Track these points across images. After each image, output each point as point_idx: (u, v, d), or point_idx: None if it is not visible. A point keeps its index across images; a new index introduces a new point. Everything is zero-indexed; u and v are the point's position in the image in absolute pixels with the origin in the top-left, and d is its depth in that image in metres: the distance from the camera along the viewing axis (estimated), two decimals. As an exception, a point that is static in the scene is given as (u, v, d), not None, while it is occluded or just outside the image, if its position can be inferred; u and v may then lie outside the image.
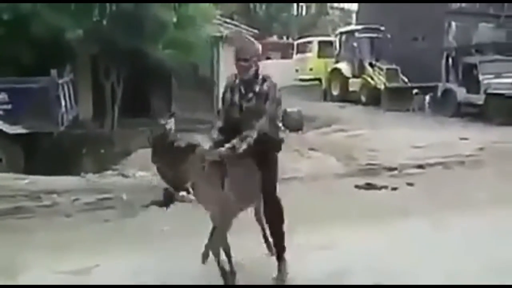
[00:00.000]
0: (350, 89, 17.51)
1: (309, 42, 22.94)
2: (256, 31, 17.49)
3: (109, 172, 7.91)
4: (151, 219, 5.43)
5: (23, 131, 7.99)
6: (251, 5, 33.67)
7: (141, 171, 7.75)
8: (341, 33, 19.23)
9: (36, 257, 4.29)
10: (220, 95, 4.00)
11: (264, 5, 34.85)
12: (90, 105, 11.62)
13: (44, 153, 8.00)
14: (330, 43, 20.78)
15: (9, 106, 8.04)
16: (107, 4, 9.52)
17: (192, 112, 12.38)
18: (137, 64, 10.86)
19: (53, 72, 8.30)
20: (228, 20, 15.65)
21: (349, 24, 25.70)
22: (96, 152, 9.28)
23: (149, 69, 11.29)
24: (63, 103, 8.54)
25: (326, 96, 18.49)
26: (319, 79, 19.99)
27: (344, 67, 17.87)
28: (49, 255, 4.32)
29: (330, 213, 5.50)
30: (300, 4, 36.65)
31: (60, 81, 8.48)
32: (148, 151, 9.07)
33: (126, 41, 9.63)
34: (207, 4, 11.68)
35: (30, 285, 3.30)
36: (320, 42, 22.30)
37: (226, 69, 13.91)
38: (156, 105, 12.78)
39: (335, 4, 38.58)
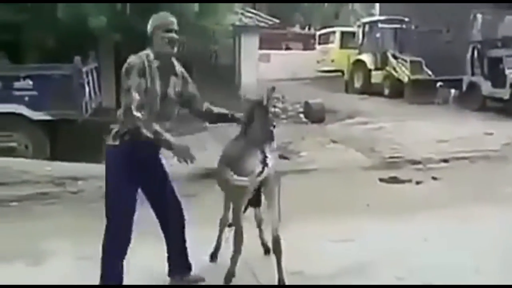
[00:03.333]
0: (373, 81, 17.31)
1: (332, 33, 22.73)
2: (277, 20, 17.39)
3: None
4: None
5: (48, 117, 8.06)
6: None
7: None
8: (364, 24, 18.99)
9: (60, 243, 4.34)
10: (242, 84, 3.84)
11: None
12: (113, 93, 11.67)
13: (68, 140, 8.06)
14: (353, 34, 20.54)
15: (34, 93, 8.10)
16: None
17: (213, 100, 12.36)
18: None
19: (77, 59, 8.33)
20: (249, 9, 15.58)
21: (372, 14, 25.34)
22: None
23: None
24: (87, 90, 8.58)
25: (348, 88, 18.32)
26: (341, 71, 19.81)
27: (367, 58, 17.66)
28: (73, 241, 4.36)
29: (353, 205, 5.45)
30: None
31: (84, 69, 8.52)
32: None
33: (146, 30, 9.61)
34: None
35: (30, 285, 3.31)
36: (342, 33, 22.07)
37: (246, 57, 13.91)
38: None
39: (358, -6, 38.10)
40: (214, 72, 13.42)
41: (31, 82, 8.15)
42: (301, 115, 12.42)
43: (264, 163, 3.31)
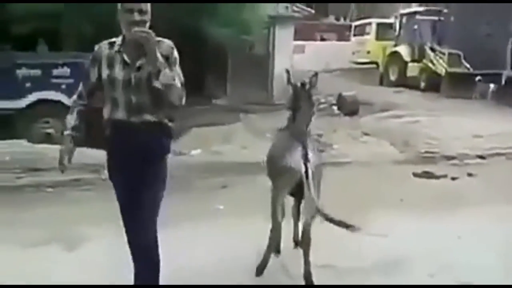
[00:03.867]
0: (409, 74, 16.98)
1: (368, 24, 22.37)
2: (312, 11, 17.21)
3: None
4: (206, 197, 5.49)
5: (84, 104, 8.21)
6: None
7: (195, 149, 7.87)
8: (402, 15, 18.61)
9: (94, 229, 4.43)
10: (276, 74, 3.85)
11: (321, -15, 34.21)
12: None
13: (103, 128, 8.21)
14: (390, 25, 20.16)
15: (71, 80, 8.26)
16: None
17: (247, 91, 12.38)
18: (194, 43, 10.92)
19: (113, 47, 8.45)
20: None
21: (410, 5, 24.82)
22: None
23: (206, 49, 11.33)
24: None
25: (383, 80, 18.03)
26: (376, 63, 19.50)
27: (403, 50, 17.33)
28: (107, 227, 4.44)
29: (386, 200, 5.38)
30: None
31: (121, 58, 8.64)
32: (202, 130, 9.19)
33: (183, 20, 9.68)
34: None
35: (30, 285, 3.37)
36: (379, 24, 21.69)
37: (281, 48, 13.83)
38: (212, 84, 12.87)
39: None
40: (248, 62, 13.41)
41: (68, 70, 8.33)
42: (334, 107, 12.31)
43: (306, 159, 3.31)
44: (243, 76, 12.99)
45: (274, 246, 3.57)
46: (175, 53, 2.89)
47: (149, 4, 2.85)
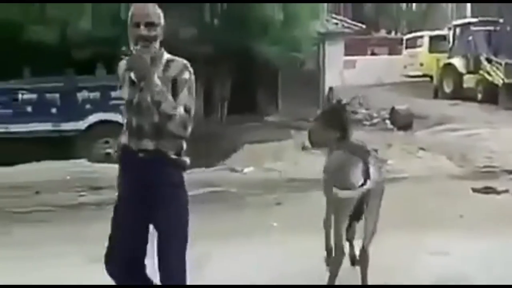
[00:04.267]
0: (464, 85, 16.52)
1: (420, 37, 21.98)
2: (363, 26, 17.12)
3: (218, 166, 8.19)
4: (260, 214, 5.51)
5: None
6: (358, -1, 32.99)
7: (247, 167, 7.95)
8: (455, 26, 18.19)
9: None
10: (326, 91, 3.81)
11: (371, -1, 34.01)
12: (201, 102, 12.06)
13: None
14: (443, 37, 19.74)
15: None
16: (218, 4, 9.81)
17: (298, 107, 12.40)
18: (245, 61, 11.08)
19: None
20: (333, 15, 15.47)
21: (464, 17, 24.22)
22: (206, 147, 9.62)
23: (257, 66, 11.47)
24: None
25: (437, 93, 17.61)
26: (430, 76, 19.09)
27: (458, 62, 16.89)
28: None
29: (445, 216, 5.23)
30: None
31: (175, 79, 8.89)
32: (254, 147, 9.28)
33: (235, 40, 9.87)
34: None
35: (30, 285, 3.46)
36: (431, 37, 21.27)
37: (331, 64, 13.82)
38: (263, 101, 12.98)
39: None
40: (299, 79, 13.46)
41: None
42: (387, 122, 12.12)
43: (367, 175, 3.23)
44: (294, 92, 13.04)
45: (337, 271, 3.40)
46: (186, 75, 2.56)
47: (161, 18, 2.59)
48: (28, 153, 7.75)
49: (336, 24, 14.44)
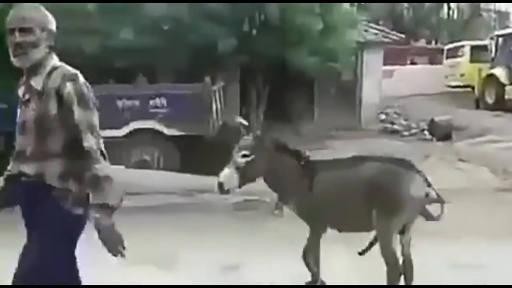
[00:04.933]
0: (506, 96, 16.03)
1: (460, 47, 21.54)
2: (402, 36, 16.92)
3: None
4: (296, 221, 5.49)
5: (179, 133, 8.63)
6: (398, 9, 32.66)
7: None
8: (498, 36, 17.73)
9: (187, 251, 4.58)
10: (364, 100, 3.69)
11: (411, 9, 33.59)
12: (238, 111, 12.16)
13: (197, 155, 8.52)
14: (485, 47, 19.26)
15: (167, 110, 8.74)
16: (257, 14, 9.89)
17: (334, 118, 12.34)
18: (282, 70, 11.12)
19: (207, 79, 8.85)
20: (372, 25, 15.34)
21: (507, 27, 23.64)
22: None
23: (293, 76, 11.49)
24: (214, 108, 9.05)
25: (479, 104, 17.16)
26: (471, 86, 18.65)
27: (500, 72, 16.43)
28: (200, 249, 4.60)
29: (487, 229, 5.09)
30: (451, 7, 34.68)
31: (213, 88, 9.02)
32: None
33: (272, 50, 9.93)
34: (352, 10, 11.57)
35: (32, 285, 3.46)
36: (473, 47, 20.81)
37: (369, 73, 13.69)
38: (299, 111, 12.97)
39: (490, 5, 35.86)
40: (336, 88, 13.41)
41: (165, 100, 8.82)
42: (426, 132, 11.91)
43: (428, 184, 3.31)
44: (330, 102, 12.99)
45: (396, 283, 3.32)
46: (67, 88, 2.19)
47: (44, 20, 2.27)
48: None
49: (376, 34, 14.32)
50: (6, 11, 2.44)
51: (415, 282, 3.40)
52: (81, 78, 2.27)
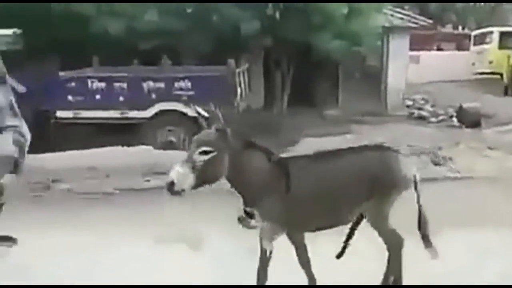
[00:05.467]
0: (536, 84, 15.70)
1: (488, 33, 21.05)
2: (429, 21, 16.60)
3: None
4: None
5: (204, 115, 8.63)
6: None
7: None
8: (528, 22, 17.29)
9: (214, 230, 4.60)
10: (389, 85, 3.54)
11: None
12: (262, 94, 12.12)
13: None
14: (514, 33, 18.82)
15: (192, 93, 8.75)
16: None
17: (359, 102, 12.22)
18: (306, 54, 11.03)
19: (231, 61, 8.82)
20: (399, 10, 15.07)
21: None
22: (265, 140, 9.67)
23: (318, 60, 11.39)
24: (238, 91, 9.03)
25: (507, 91, 16.82)
26: (500, 73, 18.26)
27: (530, 59, 16.07)
28: (228, 228, 4.60)
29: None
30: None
31: (237, 70, 8.98)
32: (313, 141, 9.19)
33: (296, 33, 9.85)
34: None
35: (32, 285, 3.52)
36: (502, 33, 20.32)
37: (395, 59, 13.48)
38: (323, 95, 12.87)
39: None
40: (361, 73, 13.26)
41: (189, 83, 8.83)
42: (454, 119, 11.72)
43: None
44: (355, 87, 12.85)
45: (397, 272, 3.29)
46: None
47: None
48: (99, 139, 8.10)
49: (402, 18, 14.07)
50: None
51: (437, 271, 3.36)
52: None
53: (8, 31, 9.34)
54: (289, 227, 3.14)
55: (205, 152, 2.85)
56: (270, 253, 3.15)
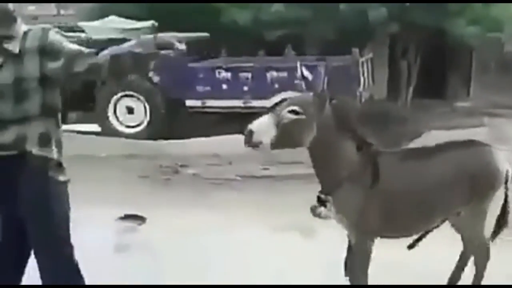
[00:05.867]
0: None
1: None
2: None
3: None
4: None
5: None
6: None
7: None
8: None
9: (249, 215, 4.68)
10: None
11: None
12: (385, 84, 11.78)
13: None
14: None
15: (314, 82, 8.76)
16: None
17: (492, 93, 11.37)
18: (436, 42, 10.50)
19: (355, 51, 8.69)
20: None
21: None
22: (388, 131, 9.41)
23: (449, 48, 10.79)
24: (362, 81, 8.88)
25: None
26: None
27: None
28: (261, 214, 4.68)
29: None
30: None
31: (361, 60, 8.83)
32: (441, 134, 8.73)
33: (427, 19, 9.42)
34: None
35: (33, 285, 3.54)
36: None
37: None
38: (453, 85, 12.17)
39: None
40: (496, 62, 12.33)
41: (311, 72, 8.86)
42: None
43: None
44: (489, 77, 11.98)
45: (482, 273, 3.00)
46: (52, 36, 2.24)
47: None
48: (222, 127, 8.49)
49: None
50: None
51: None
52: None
53: (147, 23, 10.10)
54: (362, 228, 2.77)
55: (294, 112, 2.61)
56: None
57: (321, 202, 2.79)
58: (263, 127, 2.58)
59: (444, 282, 3.09)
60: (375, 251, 2.78)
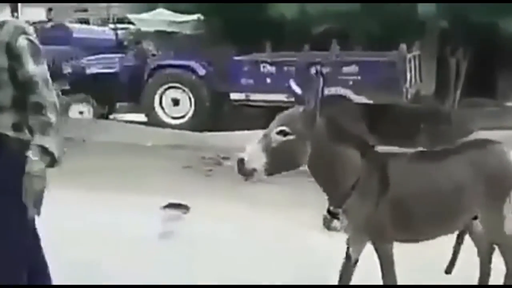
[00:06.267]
0: None
1: None
2: None
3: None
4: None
5: (367, 101, 8.55)
6: None
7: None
8: None
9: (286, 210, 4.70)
10: None
11: None
12: (433, 81, 11.52)
13: (385, 124, 8.33)
14: None
15: (358, 77, 8.70)
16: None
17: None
18: (486, 39, 10.18)
19: (402, 46, 8.54)
20: None
21: None
22: (433, 130, 9.24)
23: (500, 45, 10.44)
24: (408, 77, 8.73)
25: None
26: None
27: None
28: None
29: None
30: None
31: (408, 56, 8.68)
32: (489, 134, 8.51)
33: (480, 15, 9.14)
34: None
35: (34, 285, 3.54)
36: None
37: None
38: (504, 84, 11.77)
39: None
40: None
41: (357, 68, 8.79)
42: None
43: None
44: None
45: None
46: (22, 41, 2.12)
47: None
48: (264, 120, 8.51)
49: None
50: None
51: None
52: (32, 31, 2.19)
53: (193, 17, 10.27)
54: (377, 235, 2.67)
55: (283, 133, 2.41)
56: (356, 262, 2.74)
57: (332, 215, 2.69)
58: (252, 153, 2.40)
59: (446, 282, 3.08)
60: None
